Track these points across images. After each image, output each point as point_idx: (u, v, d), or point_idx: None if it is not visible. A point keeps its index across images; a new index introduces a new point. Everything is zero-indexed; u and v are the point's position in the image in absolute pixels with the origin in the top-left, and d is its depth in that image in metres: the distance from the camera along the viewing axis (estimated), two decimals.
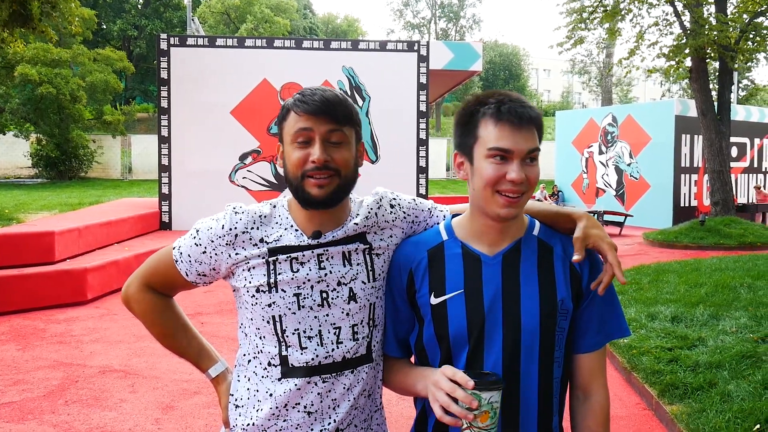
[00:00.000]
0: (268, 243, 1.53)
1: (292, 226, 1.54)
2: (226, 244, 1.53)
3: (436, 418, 1.51)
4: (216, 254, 1.54)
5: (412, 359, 1.65)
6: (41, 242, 7.75)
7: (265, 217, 1.55)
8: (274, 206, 1.58)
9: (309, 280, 1.51)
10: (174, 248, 1.59)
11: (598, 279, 1.49)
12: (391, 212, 1.64)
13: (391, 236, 1.62)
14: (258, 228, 1.54)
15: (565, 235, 1.57)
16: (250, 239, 1.53)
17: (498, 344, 1.47)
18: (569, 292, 1.51)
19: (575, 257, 1.48)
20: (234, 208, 1.56)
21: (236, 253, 1.53)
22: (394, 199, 1.67)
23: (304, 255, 1.51)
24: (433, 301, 1.52)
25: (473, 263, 1.52)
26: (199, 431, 4.12)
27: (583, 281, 1.52)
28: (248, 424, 1.56)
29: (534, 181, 1.44)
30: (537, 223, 1.58)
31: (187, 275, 1.58)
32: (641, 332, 5.64)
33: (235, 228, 1.53)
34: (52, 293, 7.27)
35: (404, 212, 1.66)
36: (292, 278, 1.50)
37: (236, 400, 1.61)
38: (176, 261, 1.58)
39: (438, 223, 1.65)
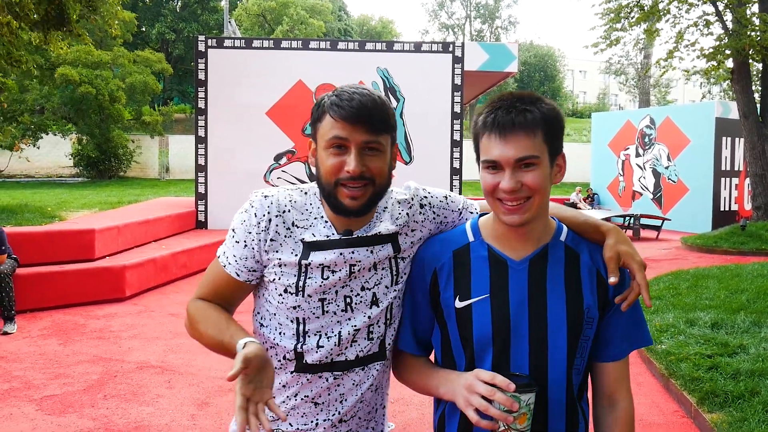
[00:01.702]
0: (299, 227, 1.52)
1: (322, 216, 1.54)
2: (263, 230, 1.51)
3: (456, 426, 1.53)
4: (255, 244, 1.52)
5: (431, 357, 1.64)
6: (82, 240, 7.93)
7: (295, 202, 1.55)
8: (306, 193, 1.58)
9: (335, 286, 1.52)
10: (219, 257, 1.59)
11: (624, 295, 1.47)
12: (421, 212, 1.63)
13: (420, 238, 1.62)
14: (289, 211, 1.53)
15: (591, 242, 1.55)
16: (283, 223, 1.52)
17: (524, 350, 1.46)
18: (595, 300, 1.49)
19: (611, 280, 1.45)
20: (264, 194, 1.54)
21: (271, 239, 1.51)
22: (425, 197, 1.65)
23: (336, 264, 1.51)
24: (458, 304, 1.51)
25: (500, 267, 1.50)
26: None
27: (609, 290, 1.50)
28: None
29: (535, 186, 1.39)
30: (565, 228, 1.55)
31: (238, 275, 1.55)
32: (680, 338, 5.53)
33: (268, 213, 1.51)
34: (91, 290, 7.44)
35: (434, 212, 1.64)
36: (320, 285, 1.51)
37: None
38: (224, 266, 1.56)
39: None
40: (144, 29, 38.18)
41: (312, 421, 1.57)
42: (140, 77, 25.20)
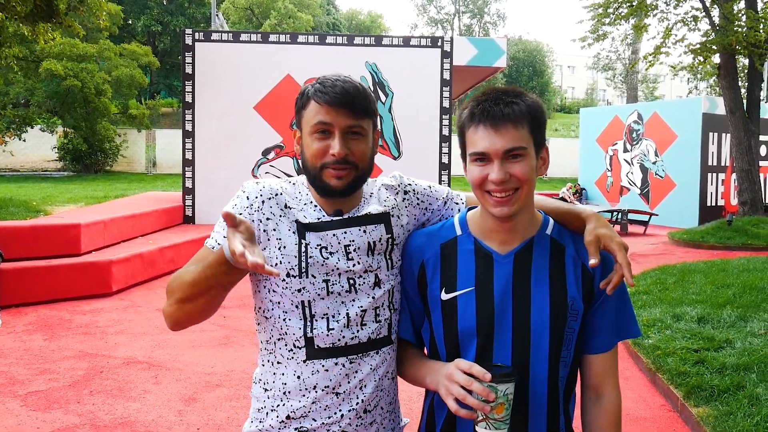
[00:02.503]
0: (292, 209, 1.55)
1: (312, 202, 1.58)
2: (256, 210, 1.53)
3: (445, 415, 1.55)
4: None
5: (425, 350, 1.66)
6: (68, 234, 7.86)
7: (286, 188, 1.59)
8: (294, 183, 1.63)
9: (338, 268, 1.53)
10: (207, 242, 1.55)
11: (608, 279, 1.48)
12: (405, 198, 1.68)
13: (407, 222, 1.66)
14: (282, 194, 1.57)
15: (576, 234, 1.57)
16: (277, 204, 1.55)
17: (507, 343, 1.48)
18: (580, 292, 1.51)
19: (592, 261, 1.46)
20: (255, 181, 1.59)
21: (267, 219, 1.53)
22: (409, 185, 1.71)
23: (332, 246, 1.54)
24: (444, 296, 1.53)
25: (485, 261, 1.52)
26: (221, 424, 4.14)
27: (595, 281, 1.52)
28: (277, 405, 1.57)
29: (523, 177, 1.41)
30: (551, 221, 1.57)
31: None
32: (666, 333, 5.56)
33: (261, 195, 1.55)
34: (77, 285, 7.37)
35: (418, 198, 1.69)
36: (323, 264, 1.53)
37: (264, 383, 1.61)
38: (213, 248, 1.51)
39: (452, 215, 1.67)
40: (130, 22, 37.84)
41: (336, 413, 1.55)
42: (126, 70, 24.97)
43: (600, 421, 1.54)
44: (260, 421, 1.61)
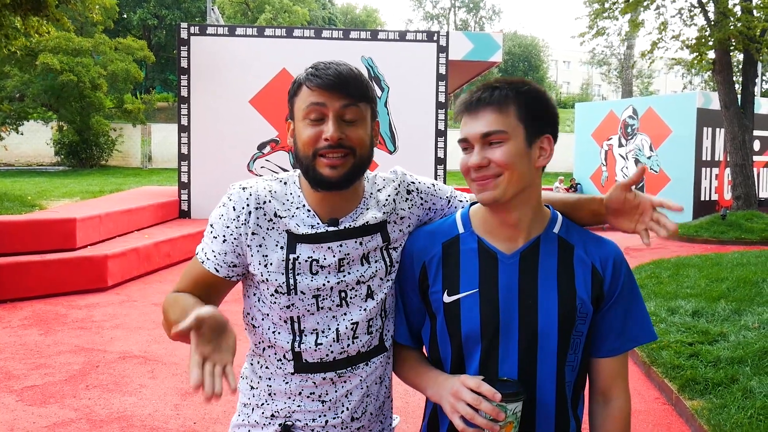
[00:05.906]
0: (282, 218, 1.46)
1: (304, 205, 1.48)
2: (243, 224, 1.45)
3: (448, 424, 1.49)
4: (235, 238, 1.46)
5: (424, 350, 1.61)
6: (63, 229, 7.83)
7: (275, 192, 1.49)
8: (285, 183, 1.52)
9: (328, 282, 1.47)
10: (197, 253, 1.53)
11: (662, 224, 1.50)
12: (408, 199, 1.58)
13: (408, 225, 1.58)
14: (270, 202, 1.47)
15: (586, 233, 1.52)
16: (264, 215, 1.46)
17: (513, 347, 1.43)
18: (589, 294, 1.45)
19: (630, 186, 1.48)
20: (242, 186, 1.49)
21: (253, 233, 1.45)
22: (413, 183, 1.61)
23: (325, 259, 1.46)
24: (447, 299, 1.47)
25: (489, 261, 1.45)
26: (218, 418, 4.15)
27: (605, 284, 1.46)
28: (262, 404, 1.56)
29: (502, 162, 1.35)
30: (560, 219, 1.51)
31: (217, 271, 1.48)
32: (661, 326, 5.59)
33: (247, 206, 1.45)
34: (73, 279, 7.36)
35: (422, 198, 1.60)
36: (312, 280, 1.46)
37: (250, 381, 1.59)
38: (203, 262, 1.50)
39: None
40: (126, 16, 37.66)
41: (320, 417, 1.52)
42: (122, 65, 24.86)
43: (608, 426, 1.50)
44: (247, 415, 1.59)
